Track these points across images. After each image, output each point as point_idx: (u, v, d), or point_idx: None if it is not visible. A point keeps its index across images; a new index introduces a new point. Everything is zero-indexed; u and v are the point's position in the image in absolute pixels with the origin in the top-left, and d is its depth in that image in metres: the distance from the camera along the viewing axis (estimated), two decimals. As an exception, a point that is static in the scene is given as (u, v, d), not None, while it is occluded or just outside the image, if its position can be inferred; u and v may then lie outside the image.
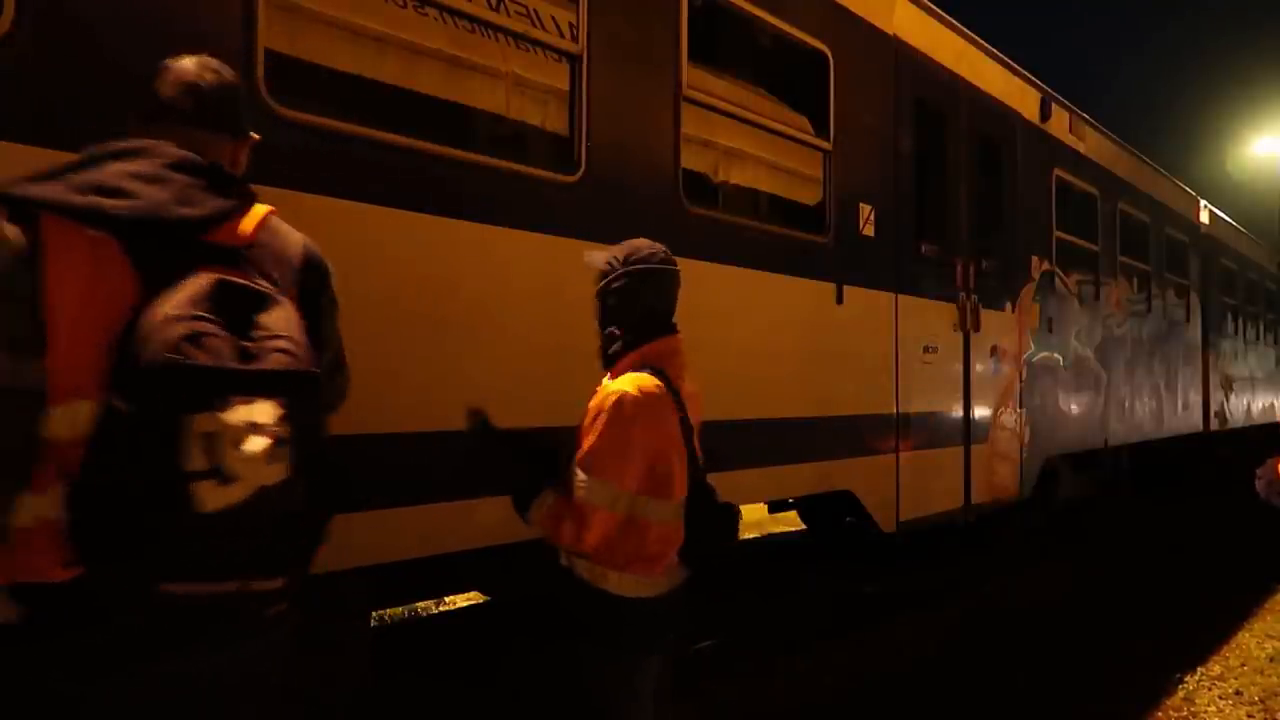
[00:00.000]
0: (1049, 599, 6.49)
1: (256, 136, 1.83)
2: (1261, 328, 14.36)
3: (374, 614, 4.62)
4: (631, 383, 2.23)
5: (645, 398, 2.22)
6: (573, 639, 2.32)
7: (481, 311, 3.12)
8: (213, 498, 1.36)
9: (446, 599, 6.05)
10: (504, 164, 3.21)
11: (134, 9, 2.34)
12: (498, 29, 3.23)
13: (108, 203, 1.43)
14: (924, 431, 5.55)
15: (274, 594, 1.56)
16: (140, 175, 1.49)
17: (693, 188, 4.00)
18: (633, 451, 2.20)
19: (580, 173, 3.45)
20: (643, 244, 2.40)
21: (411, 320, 2.90)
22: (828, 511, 6.42)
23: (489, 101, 3.36)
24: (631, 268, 2.35)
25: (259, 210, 1.64)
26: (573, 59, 3.43)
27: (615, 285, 2.35)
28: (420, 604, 5.90)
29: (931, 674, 4.82)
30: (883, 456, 5.18)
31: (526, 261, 3.26)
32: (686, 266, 4.02)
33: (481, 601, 5.82)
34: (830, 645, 5.19)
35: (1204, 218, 11.72)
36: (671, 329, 2.39)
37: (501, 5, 3.22)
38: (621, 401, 2.20)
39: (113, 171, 1.48)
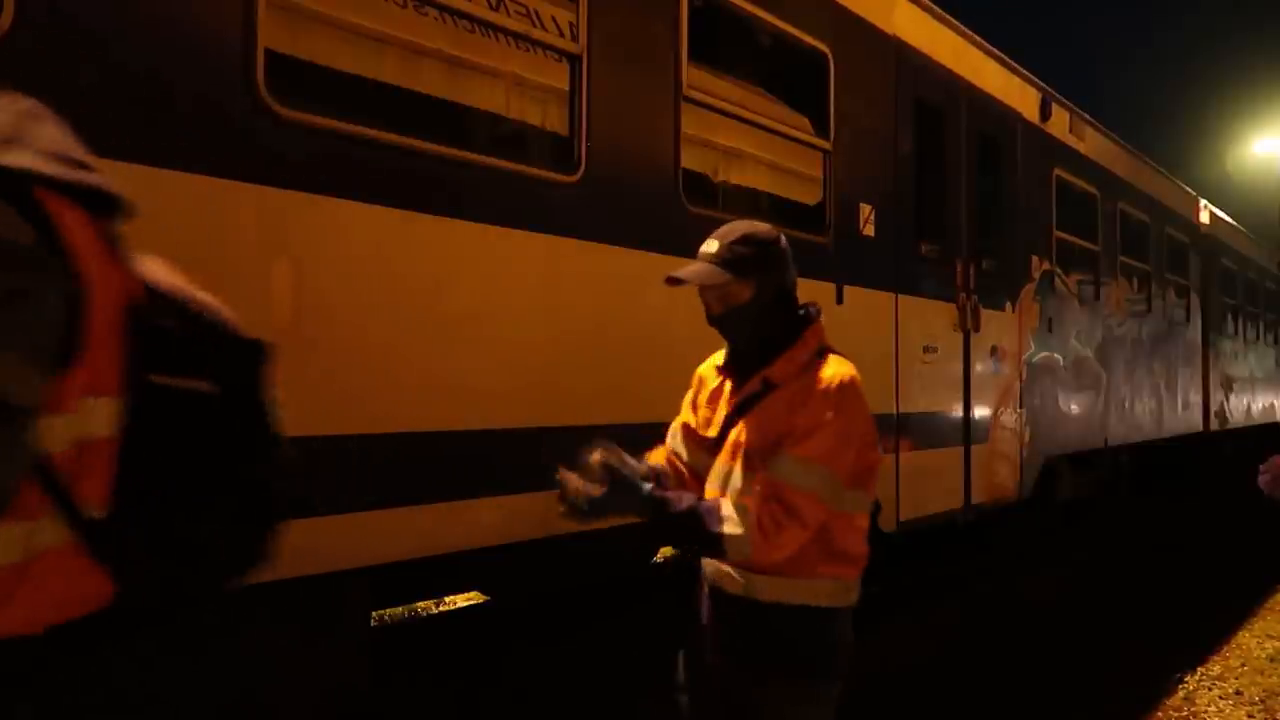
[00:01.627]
0: (1049, 599, 6.49)
1: None
2: (1261, 328, 14.36)
3: (374, 614, 4.63)
4: (847, 365, 2.08)
5: (860, 382, 2.06)
6: (773, 674, 2.05)
7: (481, 311, 3.12)
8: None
9: (446, 599, 6.05)
10: (504, 164, 3.21)
11: (134, 9, 2.34)
12: (498, 29, 3.23)
13: (85, 175, 1.23)
14: (924, 431, 5.54)
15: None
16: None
17: (693, 187, 4.00)
18: (854, 439, 2.02)
19: (580, 173, 3.45)
20: (762, 224, 2.21)
21: (410, 320, 2.90)
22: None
23: (489, 101, 3.37)
24: (785, 246, 2.17)
25: None
26: (573, 59, 3.43)
27: (780, 268, 2.14)
28: (420, 604, 5.90)
29: (931, 674, 4.82)
30: (882, 456, 5.18)
31: (526, 261, 3.26)
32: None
33: (481, 601, 5.82)
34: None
35: (1204, 218, 11.72)
36: (818, 309, 2.23)
37: (501, 5, 3.22)
38: (851, 386, 2.03)
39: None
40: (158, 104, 2.35)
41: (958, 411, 5.95)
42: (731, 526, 1.94)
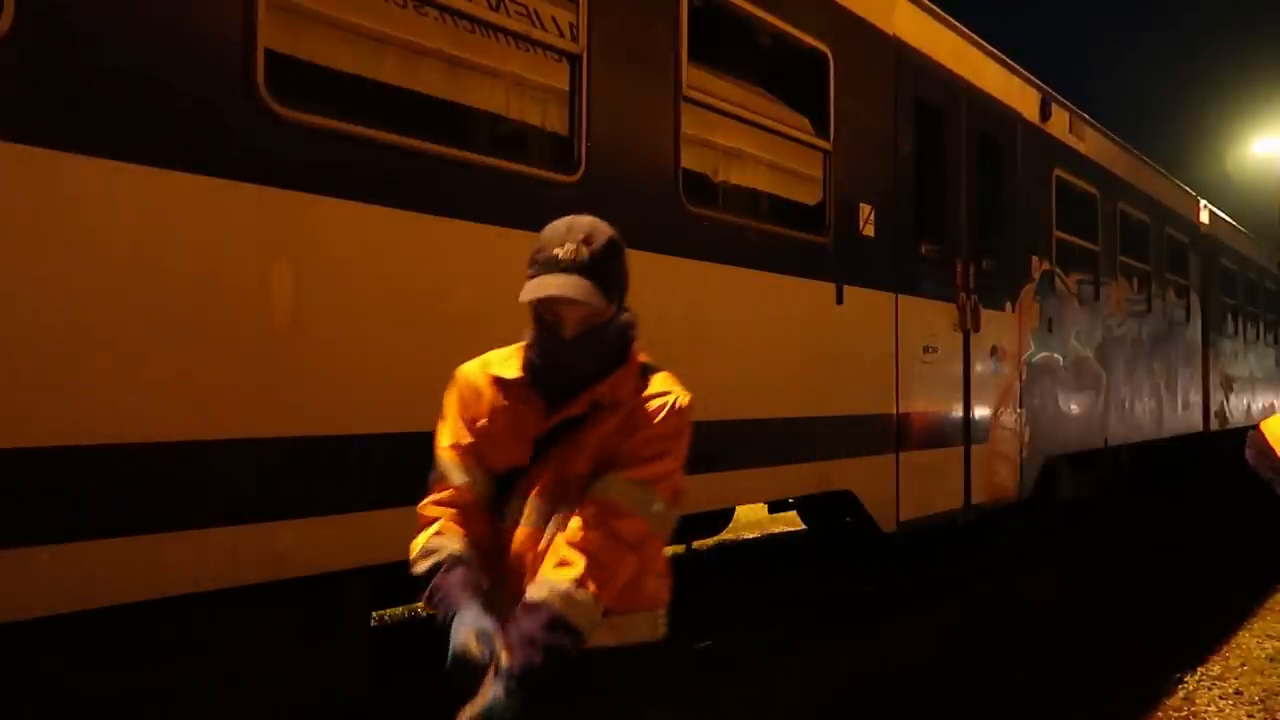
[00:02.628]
0: (1049, 599, 6.49)
1: None
2: (1261, 328, 14.37)
3: (374, 614, 4.62)
4: (678, 384, 1.88)
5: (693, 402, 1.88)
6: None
7: (481, 312, 3.12)
8: None
9: (446, 599, 6.04)
10: (504, 164, 3.21)
11: (134, 10, 2.34)
12: (498, 29, 3.23)
13: None
14: (924, 431, 5.54)
15: None
16: None
17: (693, 187, 4.00)
18: (683, 463, 1.87)
19: (580, 173, 3.45)
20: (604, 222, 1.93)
21: (410, 321, 2.90)
22: (828, 511, 6.43)
23: (489, 101, 3.36)
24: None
25: None
26: (573, 59, 3.43)
27: (627, 278, 1.91)
28: (420, 604, 5.89)
29: (932, 674, 4.82)
30: (883, 456, 5.18)
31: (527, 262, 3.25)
32: (687, 266, 4.00)
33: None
34: (830, 645, 5.19)
35: (1204, 218, 11.72)
36: (635, 318, 1.99)
37: (501, 5, 3.22)
38: (690, 409, 1.85)
39: None
40: (157, 104, 2.35)
41: (958, 411, 5.95)
42: (582, 620, 1.67)
